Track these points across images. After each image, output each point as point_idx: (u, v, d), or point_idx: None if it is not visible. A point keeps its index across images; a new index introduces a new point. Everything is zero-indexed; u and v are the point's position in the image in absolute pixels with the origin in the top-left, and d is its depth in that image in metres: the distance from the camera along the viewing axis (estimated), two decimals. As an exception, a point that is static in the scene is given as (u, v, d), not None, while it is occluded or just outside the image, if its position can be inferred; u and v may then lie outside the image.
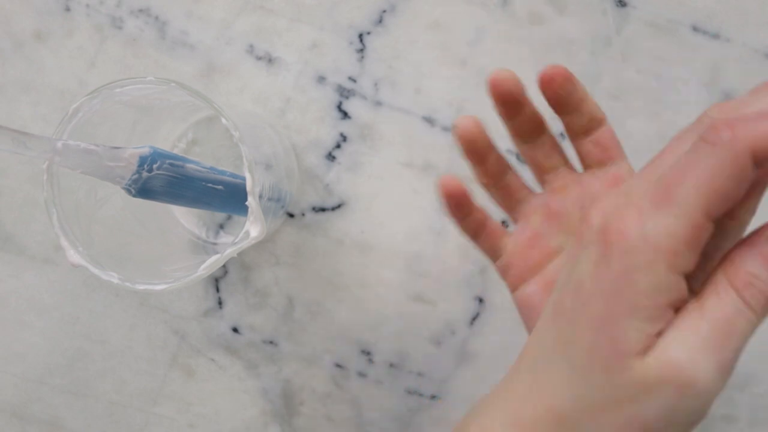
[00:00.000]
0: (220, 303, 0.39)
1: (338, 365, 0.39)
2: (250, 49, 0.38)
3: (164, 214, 0.38)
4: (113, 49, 0.38)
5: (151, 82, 0.28)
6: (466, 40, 0.38)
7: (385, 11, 0.38)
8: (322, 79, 0.38)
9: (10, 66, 0.38)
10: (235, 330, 0.39)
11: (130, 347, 0.39)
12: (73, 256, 0.29)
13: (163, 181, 0.30)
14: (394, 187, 0.38)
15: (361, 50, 0.38)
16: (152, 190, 0.30)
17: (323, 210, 0.39)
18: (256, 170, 0.28)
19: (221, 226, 0.39)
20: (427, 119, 0.38)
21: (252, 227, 0.28)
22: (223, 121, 0.28)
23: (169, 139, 0.37)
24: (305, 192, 0.39)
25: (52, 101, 0.38)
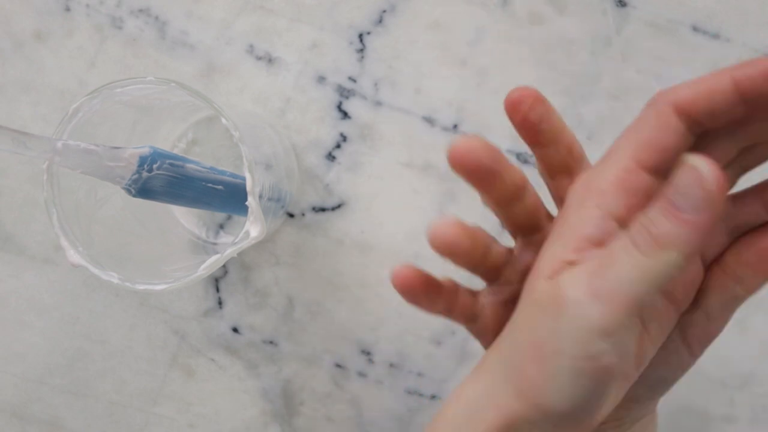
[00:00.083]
0: (220, 303, 0.39)
1: (338, 365, 0.39)
2: (250, 49, 0.38)
3: (164, 214, 0.38)
4: (113, 49, 0.38)
5: (151, 82, 0.28)
6: (466, 40, 0.38)
7: (385, 11, 0.38)
8: (322, 79, 0.38)
9: (10, 66, 0.38)
10: (235, 330, 0.39)
11: (130, 347, 0.39)
12: (73, 256, 0.29)
13: (163, 181, 0.30)
14: (394, 187, 0.38)
15: (361, 50, 0.38)
16: (152, 190, 0.30)
17: (323, 210, 0.39)
18: (256, 170, 0.28)
19: (221, 226, 0.39)
20: (427, 119, 0.38)
21: (252, 227, 0.28)
22: (223, 121, 0.28)
23: (169, 139, 0.37)
24: (305, 192, 0.39)
25: (52, 101, 0.38)
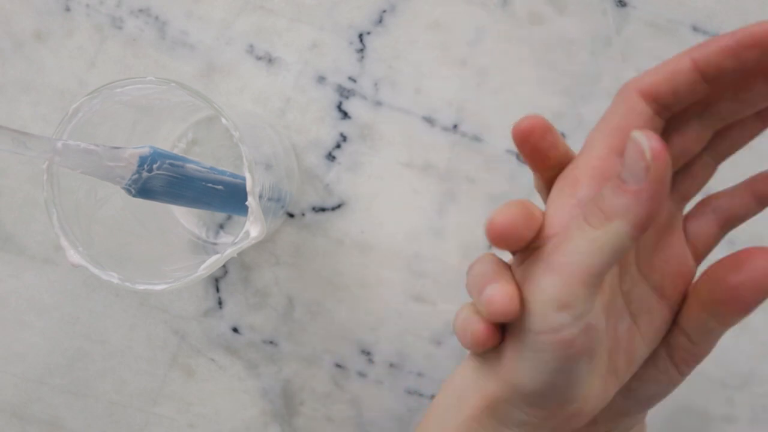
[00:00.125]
0: (220, 303, 0.39)
1: (338, 365, 0.39)
2: (250, 49, 0.38)
3: (164, 214, 0.38)
4: (113, 49, 0.38)
5: (151, 82, 0.28)
6: (466, 40, 0.38)
7: (385, 11, 0.38)
8: (322, 79, 0.38)
9: (10, 66, 0.38)
10: (235, 330, 0.39)
11: (130, 347, 0.39)
12: (73, 256, 0.29)
13: (163, 181, 0.30)
14: (394, 187, 0.38)
15: (361, 50, 0.38)
16: (152, 190, 0.30)
17: (323, 210, 0.39)
18: (256, 170, 0.28)
19: (221, 226, 0.39)
20: (427, 119, 0.38)
21: (252, 227, 0.28)
22: (223, 121, 0.28)
23: (169, 139, 0.37)
24: (305, 192, 0.39)
25: (52, 101, 0.38)
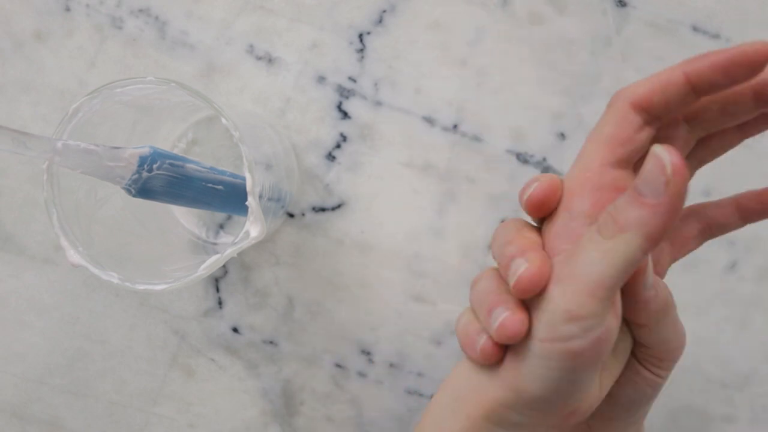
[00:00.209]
0: (220, 303, 0.39)
1: (338, 365, 0.39)
2: (250, 49, 0.38)
3: (164, 214, 0.38)
4: (113, 49, 0.38)
5: (151, 82, 0.28)
6: (466, 40, 0.38)
7: (385, 11, 0.38)
8: (322, 79, 0.38)
9: (10, 66, 0.38)
10: (235, 330, 0.39)
11: (130, 347, 0.39)
12: (73, 256, 0.29)
13: (163, 181, 0.30)
14: (394, 187, 0.38)
15: (361, 50, 0.38)
16: (152, 190, 0.30)
17: (323, 210, 0.39)
18: (256, 170, 0.28)
19: (221, 226, 0.39)
20: (427, 119, 0.38)
21: (252, 227, 0.28)
22: (223, 121, 0.28)
23: (169, 139, 0.37)
24: (305, 192, 0.39)
25: (52, 101, 0.38)
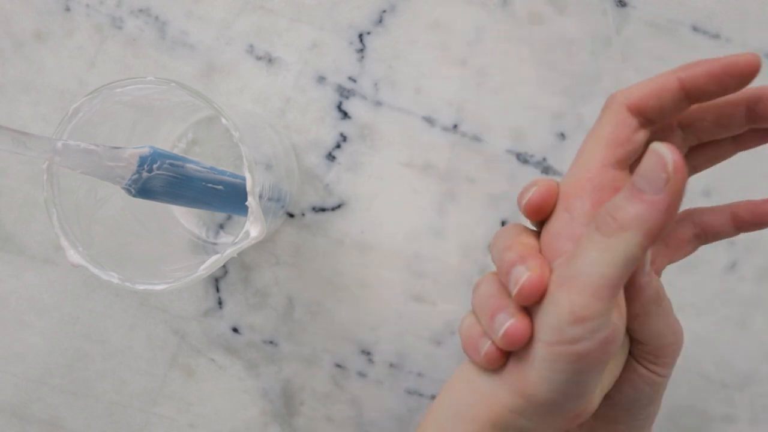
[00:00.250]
0: (220, 303, 0.39)
1: (338, 365, 0.39)
2: (250, 49, 0.38)
3: (164, 214, 0.38)
4: (113, 49, 0.38)
5: (151, 82, 0.28)
6: (466, 40, 0.38)
7: (385, 11, 0.38)
8: (322, 79, 0.38)
9: (10, 66, 0.38)
10: (235, 330, 0.39)
11: (130, 347, 0.39)
12: (73, 256, 0.29)
13: (163, 181, 0.30)
14: (394, 187, 0.38)
15: (361, 50, 0.38)
16: (152, 190, 0.30)
17: (323, 210, 0.39)
18: (256, 170, 0.28)
19: (221, 226, 0.39)
20: (427, 119, 0.38)
21: (252, 227, 0.28)
22: (223, 121, 0.28)
23: (169, 139, 0.37)
24: (305, 192, 0.39)
25: (52, 101, 0.38)
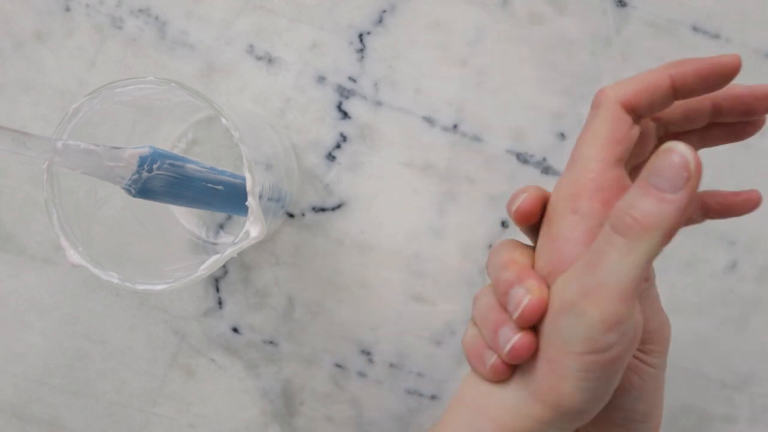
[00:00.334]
0: (220, 303, 0.39)
1: (338, 365, 0.39)
2: (250, 49, 0.38)
3: (164, 214, 0.38)
4: (113, 49, 0.38)
5: (151, 82, 0.28)
6: (466, 40, 0.38)
7: (385, 11, 0.38)
8: (322, 79, 0.38)
9: (10, 66, 0.38)
10: (235, 330, 0.39)
11: (130, 347, 0.39)
12: (73, 256, 0.29)
13: (163, 181, 0.30)
14: (394, 187, 0.38)
15: (361, 50, 0.38)
16: (152, 190, 0.30)
17: (323, 210, 0.39)
18: (256, 170, 0.28)
19: (221, 226, 0.39)
20: (427, 119, 0.38)
21: (252, 227, 0.28)
22: (223, 121, 0.28)
23: (169, 139, 0.37)
24: (305, 192, 0.39)
25: (52, 101, 0.38)
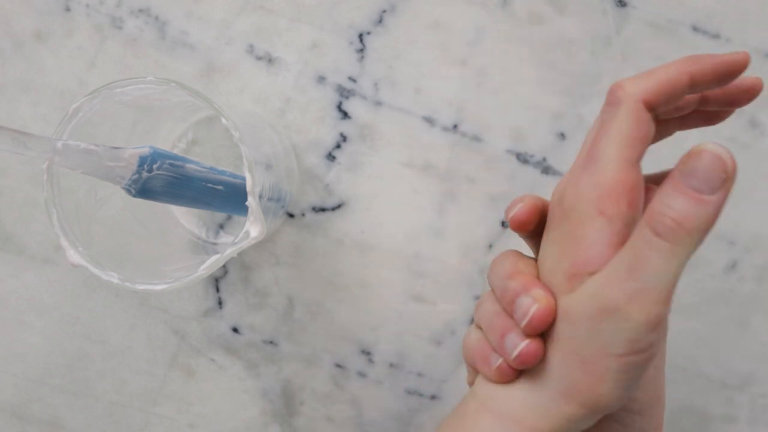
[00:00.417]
0: (220, 303, 0.39)
1: (338, 365, 0.39)
2: (250, 49, 0.38)
3: (164, 214, 0.38)
4: (113, 49, 0.38)
5: (151, 82, 0.28)
6: (466, 40, 0.38)
7: (385, 11, 0.38)
8: (322, 79, 0.38)
9: (10, 66, 0.38)
10: (235, 330, 0.39)
11: (130, 347, 0.39)
12: (73, 256, 0.29)
13: (163, 181, 0.30)
14: (394, 187, 0.38)
15: (361, 50, 0.38)
16: (152, 190, 0.30)
17: (323, 210, 0.39)
18: (256, 170, 0.28)
19: (221, 226, 0.39)
20: (427, 119, 0.38)
21: (252, 227, 0.28)
22: (223, 121, 0.28)
23: (169, 139, 0.37)
24: (305, 192, 0.39)
25: (52, 101, 0.38)
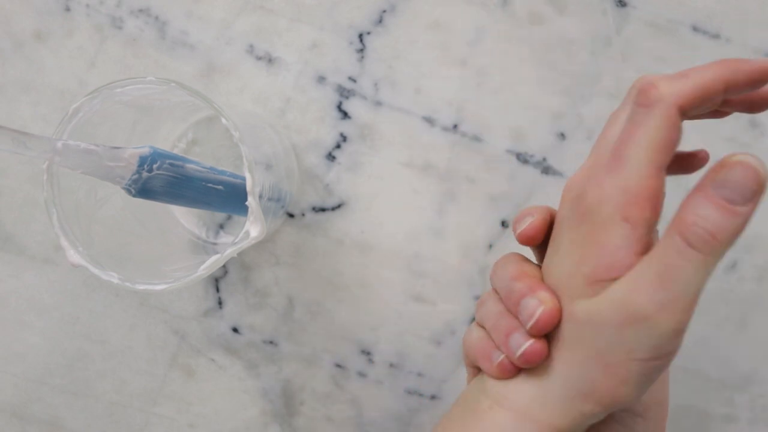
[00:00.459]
0: (220, 303, 0.39)
1: (338, 365, 0.39)
2: (250, 49, 0.38)
3: (164, 214, 0.38)
4: (113, 49, 0.38)
5: (151, 82, 0.28)
6: (466, 40, 0.38)
7: (385, 11, 0.38)
8: (322, 79, 0.38)
9: (10, 66, 0.38)
10: (235, 330, 0.39)
11: (130, 347, 0.39)
12: (73, 256, 0.29)
13: (163, 181, 0.30)
14: (394, 187, 0.38)
15: (361, 50, 0.38)
16: (152, 190, 0.30)
17: (323, 210, 0.39)
18: (256, 170, 0.28)
19: (221, 226, 0.39)
20: (427, 119, 0.38)
21: (252, 227, 0.28)
22: (223, 121, 0.28)
23: (169, 139, 0.37)
24: (305, 192, 0.39)
25: (52, 101, 0.38)
